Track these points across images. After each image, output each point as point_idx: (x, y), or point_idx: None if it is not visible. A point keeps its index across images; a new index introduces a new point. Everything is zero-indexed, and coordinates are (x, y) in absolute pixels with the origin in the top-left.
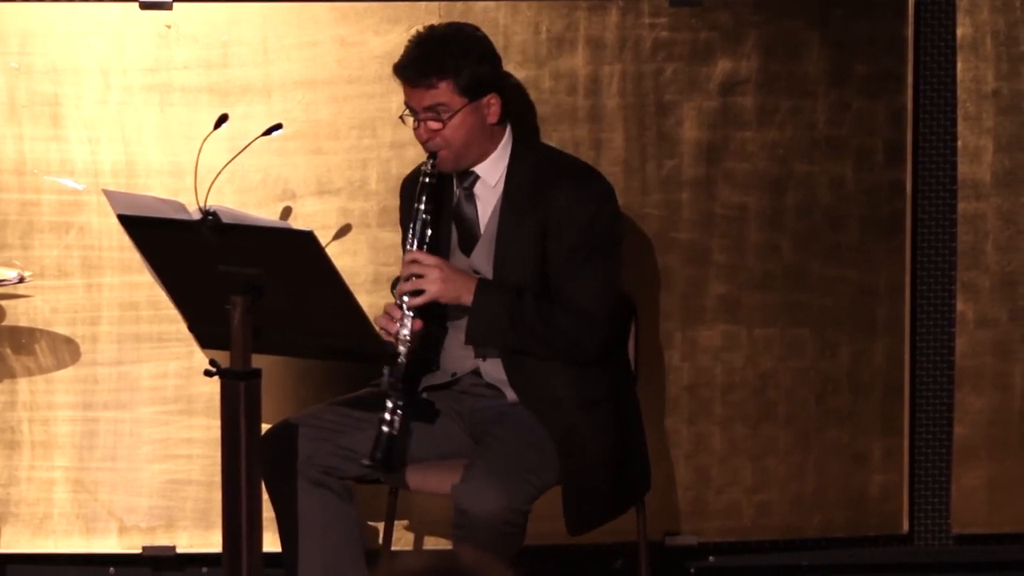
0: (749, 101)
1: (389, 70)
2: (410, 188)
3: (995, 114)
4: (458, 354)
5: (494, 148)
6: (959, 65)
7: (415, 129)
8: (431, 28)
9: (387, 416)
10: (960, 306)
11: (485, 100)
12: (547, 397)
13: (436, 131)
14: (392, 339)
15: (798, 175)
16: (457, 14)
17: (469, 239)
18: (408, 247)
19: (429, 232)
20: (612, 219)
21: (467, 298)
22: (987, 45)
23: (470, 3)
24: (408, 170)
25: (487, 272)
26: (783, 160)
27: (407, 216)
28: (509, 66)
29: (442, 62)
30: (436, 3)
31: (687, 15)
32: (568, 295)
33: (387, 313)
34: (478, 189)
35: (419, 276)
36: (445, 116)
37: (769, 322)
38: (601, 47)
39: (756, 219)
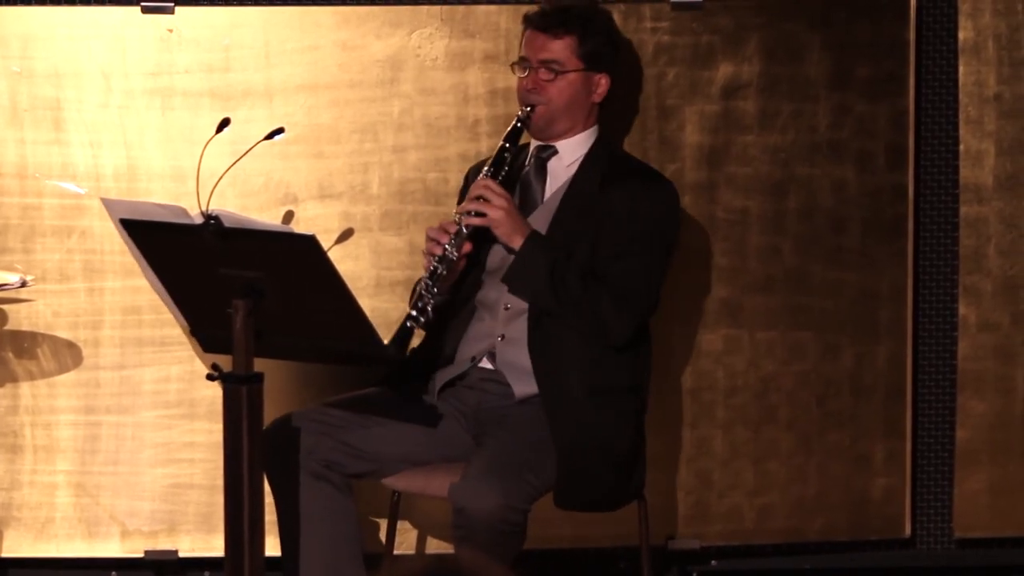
0: (751, 105)
1: (391, 74)
2: (475, 175)
3: (997, 118)
4: (478, 336)
5: (584, 128)
6: (961, 69)
7: (521, 79)
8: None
9: (414, 314)
10: (962, 310)
11: (597, 76)
12: (567, 380)
13: (544, 84)
14: (440, 248)
15: (800, 178)
16: (459, 17)
17: (529, 206)
18: (484, 174)
19: (505, 171)
20: (670, 221)
21: (518, 240)
22: (989, 49)
23: (472, 7)
24: (409, 175)
25: None
26: (785, 164)
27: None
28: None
29: (575, 20)
30: (438, 7)
31: (688, 19)
32: (614, 275)
33: (442, 227)
34: (552, 163)
35: (486, 200)
36: (559, 71)
37: (771, 325)
38: None
39: (758, 223)
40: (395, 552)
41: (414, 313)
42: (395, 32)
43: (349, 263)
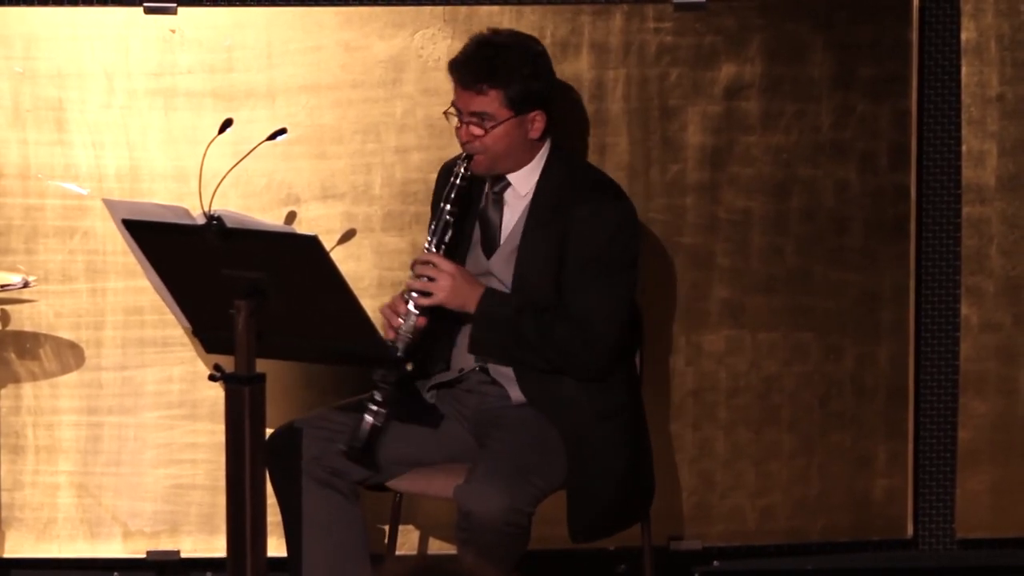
0: (753, 105)
1: (393, 75)
2: (446, 176)
3: (999, 118)
4: (466, 350)
5: (530, 160)
6: (963, 69)
7: (457, 128)
8: (494, 33)
9: (372, 407)
10: (964, 310)
11: (531, 116)
12: (557, 402)
13: (477, 136)
14: (393, 332)
15: (802, 179)
16: (462, 18)
17: (491, 243)
18: (427, 245)
19: (450, 234)
20: (629, 240)
21: (471, 308)
22: (991, 49)
23: (475, 7)
24: (412, 175)
25: (507, 278)
26: (787, 164)
27: (439, 200)
28: None
29: (496, 71)
30: (441, 8)
31: (691, 19)
32: (574, 308)
33: (392, 306)
34: (508, 196)
35: (431, 278)
36: (488, 125)
37: (773, 326)
38: (605, 51)
39: (760, 223)
40: (397, 553)
41: (374, 409)
42: (398, 33)
43: (351, 264)
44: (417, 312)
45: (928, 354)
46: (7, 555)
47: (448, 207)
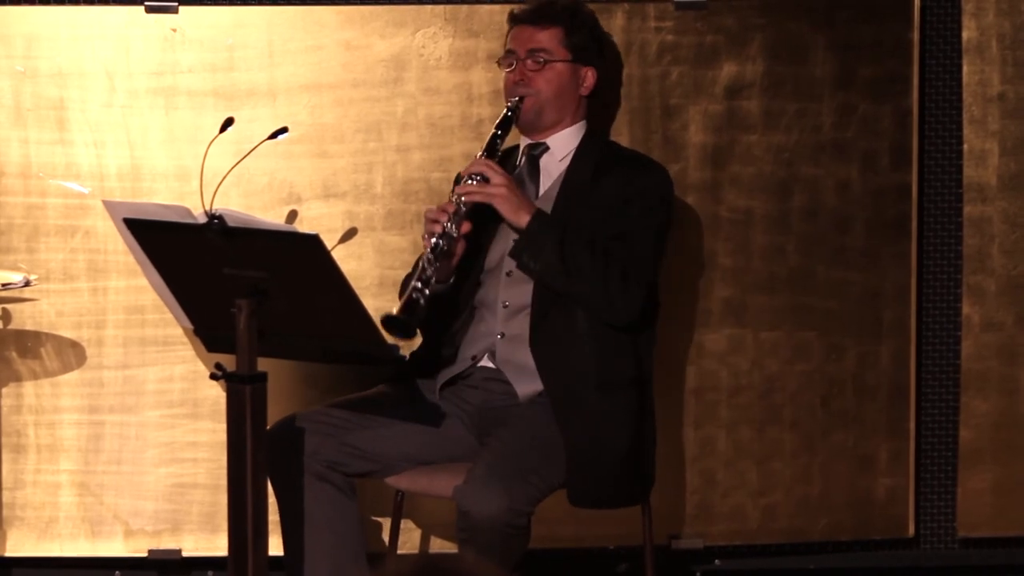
0: (755, 104)
1: (394, 74)
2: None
3: (1000, 117)
4: (478, 335)
5: (572, 122)
6: (965, 68)
7: (508, 73)
8: None
9: (419, 284)
10: (966, 310)
11: (584, 69)
12: (571, 374)
13: (531, 74)
14: (439, 227)
15: (804, 178)
16: (463, 16)
17: None
18: (479, 156)
19: (499, 155)
20: (664, 203)
21: (525, 217)
22: (992, 48)
23: (475, 6)
24: (413, 174)
25: None
26: (788, 163)
27: None
28: None
29: (562, 13)
30: (442, 7)
31: (692, 18)
32: (614, 256)
33: (441, 207)
34: (544, 160)
35: (485, 181)
36: (545, 59)
37: (775, 325)
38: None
39: (762, 222)
40: (398, 551)
41: (419, 285)
42: (399, 32)
43: (353, 262)
44: (466, 210)
45: (930, 353)
46: (9, 554)
47: (498, 131)
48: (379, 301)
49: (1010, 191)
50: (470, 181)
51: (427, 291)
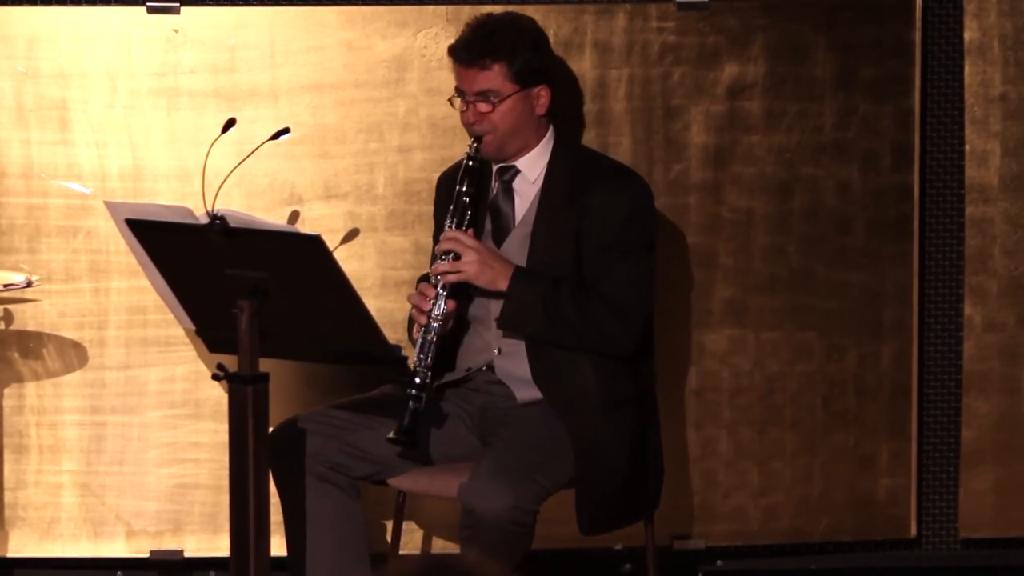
0: (756, 105)
1: (396, 74)
2: (446, 184)
3: (1002, 118)
4: (474, 349)
5: (537, 142)
6: (966, 69)
7: (463, 112)
8: (488, 15)
9: (414, 392)
10: (968, 310)
11: (536, 90)
12: (572, 394)
13: (484, 115)
14: (425, 318)
15: (805, 179)
16: (465, 17)
17: (503, 231)
18: (448, 227)
19: (469, 214)
20: (647, 219)
21: (503, 284)
22: (994, 49)
23: (477, 6)
24: (415, 174)
25: (520, 264)
26: (790, 164)
27: (442, 209)
28: None
29: (498, 46)
30: (444, 7)
31: (694, 19)
32: (602, 290)
33: (421, 291)
34: (517, 183)
35: (456, 257)
36: (495, 100)
37: (776, 326)
38: (608, 51)
39: (763, 223)
40: (400, 551)
41: (414, 392)
42: (400, 32)
43: (354, 263)
44: (445, 293)
45: (931, 354)
46: (11, 554)
47: (464, 188)
48: (381, 302)
49: (1012, 192)
50: (443, 259)
51: (423, 395)
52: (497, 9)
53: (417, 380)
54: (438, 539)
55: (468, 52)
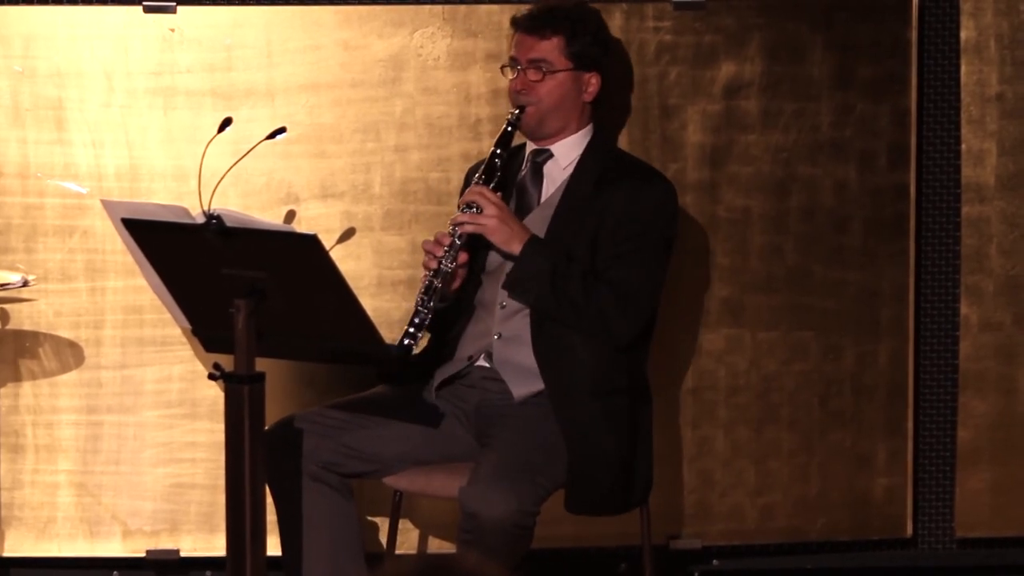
0: (753, 104)
1: (393, 74)
2: (474, 175)
3: (999, 117)
4: (475, 335)
5: (577, 129)
6: (963, 68)
7: (512, 80)
8: (561, 1)
9: (411, 330)
10: (964, 309)
11: (587, 76)
12: (566, 378)
13: (533, 84)
14: (435, 262)
15: (802, 178)
16: (461, 16)
17: (525, 209)
18: (476, 181)
19: (498, 176)
20: (668, 220)
21: (516, 247)
22: (991, 48)
23: (474, 6)
24: (411, 174)
25: None
26: (786, 163)
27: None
28: None
29: (561, 21)
30: (440, 6)
31: (691, 18)
32: (611, 277)
33: (437, 239)
34: (548, 167)
35: (479, 211)
36: (547, 70)
37: (772, 325)
38: None
39: (760, 222)
40: (396, 551)
41: (411, 330)
42: (397, 31)
43: (351, 263)
44: (460, 244)
45: (928, 353)
46: (7, 554)
47: (498, 149)
48: (377, 301)
49: (1008, 191)
50: (465, 210)
51: (419, 335)
52: (496, 8)
53: (417, 320)
54: (434, 539)
55: (531, 20)
